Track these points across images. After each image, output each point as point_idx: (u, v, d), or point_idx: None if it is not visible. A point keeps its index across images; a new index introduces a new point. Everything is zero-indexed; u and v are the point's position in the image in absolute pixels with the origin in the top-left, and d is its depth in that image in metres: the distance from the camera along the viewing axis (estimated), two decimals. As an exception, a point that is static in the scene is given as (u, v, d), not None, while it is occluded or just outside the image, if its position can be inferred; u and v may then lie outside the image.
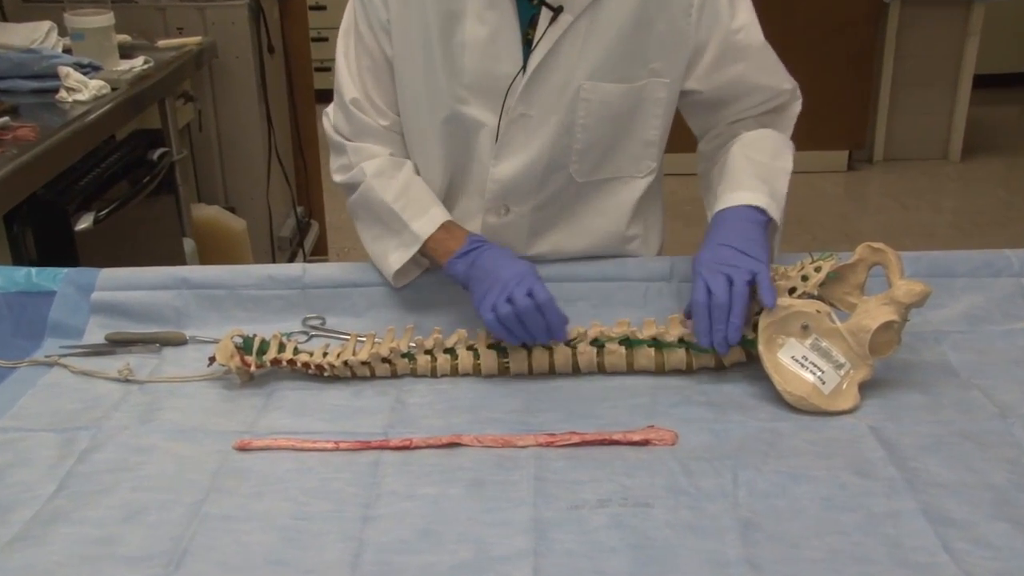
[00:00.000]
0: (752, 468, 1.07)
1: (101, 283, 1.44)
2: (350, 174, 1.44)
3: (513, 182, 1.39)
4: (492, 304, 1.25)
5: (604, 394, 1.24)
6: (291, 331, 1.39)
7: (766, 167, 1.38)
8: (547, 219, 1.45)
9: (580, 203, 1.45)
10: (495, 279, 1.28)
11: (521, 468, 1.09)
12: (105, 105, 2.15)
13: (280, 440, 1.15)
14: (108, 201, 2.05)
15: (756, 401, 1.21)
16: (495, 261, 1.32)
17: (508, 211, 1.42)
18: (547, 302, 1.25)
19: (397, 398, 1.24)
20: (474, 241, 1.35)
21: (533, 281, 1.26)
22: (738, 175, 1.36)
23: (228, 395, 1.27)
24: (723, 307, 1.21)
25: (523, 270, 1.28)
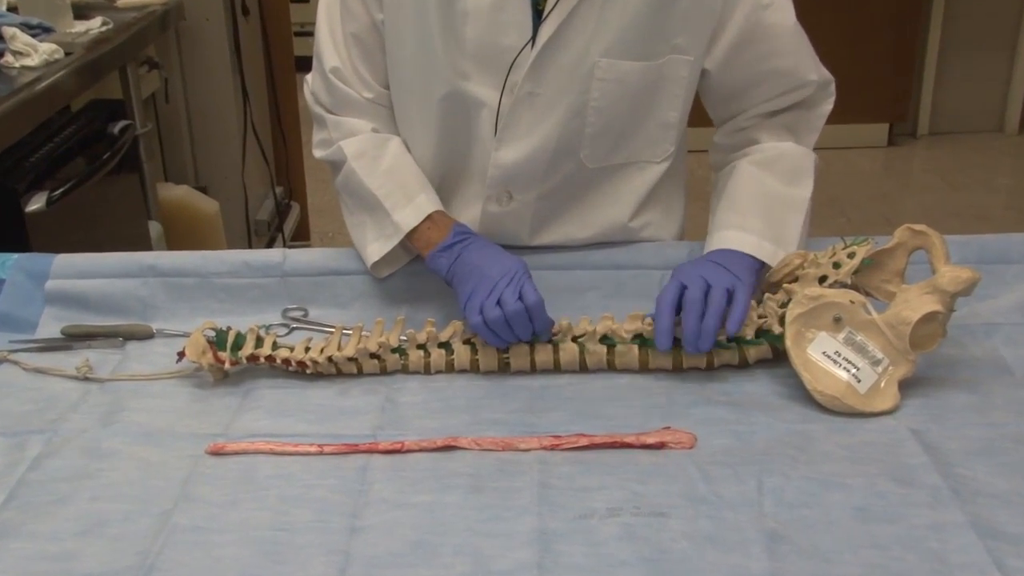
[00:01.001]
0: (779, 474, 1.08)
1: (56, 270, 1.45)
2: (330, 151, 1.45)
3: (517, 168, 1.40)
4: (479, 306, 1.27)
5: (615, 393, 1.25)
6: (269, 324, 1.41)
7: (778, 198, 1.38)
8: (553, 208, 1.46)
9: (590, 190, 1.46)
10: (481, 277, 1.29)
11: (524, 473, 1.10)
12: (58, 72, 2.14)
13: (258, 443, 1.16)
14: (63, 180, 2.05)
15: (783, 401, 1.22)
16: (482, 256, 1.32)
17: (511, 199, 1.43)
18: (536, 305, 1.26)
19: (387, 397, 1.25)
20: (459, 233, 1.36)
21: (523, 281, 1.27)
22: (740, 207, 1.37)
23: (199, 394, 1.28)
24: (696, 302, 1.23)
25: (512, 267, 1.29)
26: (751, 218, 1.35)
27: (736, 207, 1.38)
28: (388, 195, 1.40)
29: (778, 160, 1.43)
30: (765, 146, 1.44)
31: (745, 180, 1.41)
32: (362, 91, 1.43)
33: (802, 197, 1.40)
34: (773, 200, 1.38)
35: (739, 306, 1.24)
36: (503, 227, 1.44)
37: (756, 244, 1.33)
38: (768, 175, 1.41)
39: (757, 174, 1.41)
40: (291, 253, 1.47)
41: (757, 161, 1.43)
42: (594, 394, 1.25)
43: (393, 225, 1.38)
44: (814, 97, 1.44)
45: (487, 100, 1.36)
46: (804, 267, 1.29)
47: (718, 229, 1.37)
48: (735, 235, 1.34)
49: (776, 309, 1.26)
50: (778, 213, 1.37)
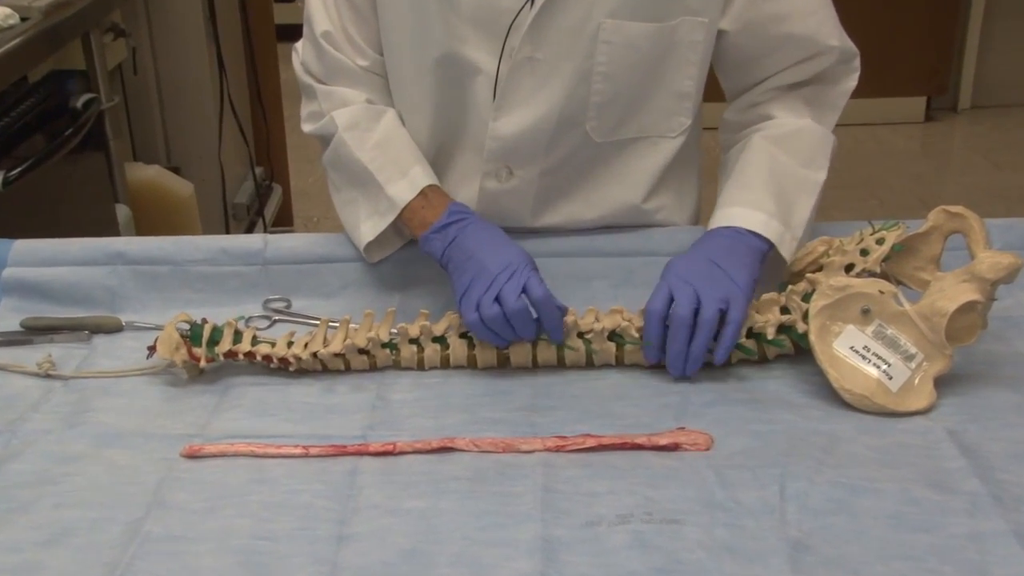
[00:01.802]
0: (803, 478, 1.09)
1: (15, 257, 1.46)
2: (320, 124, 1.46)
3: (517, 140, 1.41)
4: (476, 301, 1.27)
5: (625, 390, 1.26)
6: (249, 316, 1.42)
7: (790, 177, 1.39)
8: (558, 185, 1.46)
9: (598, 167, 1.46)
10: (480, 269, 1.29)
11: (526, 477, 1.11)
12: (13, 39, 2.12)
13: (237, 445, 1.17)
14: (21, 158, 2.05)
15: (807, 399, 1.23)
16: (479, 242, 1.33)
17: (511, 175, 1.44)
18: (544, 299, 1.26)
19: (377, 395, 1.27)
20: (455, 212, 1.36)
21: (527, 274, 1.27)
22: (750, 182, 1.37)
23: (173, 393, 1.29)
24: (684, 323, 1.24)
25: (514, 258, 1.29)
26: (761, 195, 1.35)
27: (745, 182, 1.38)
28: (381, 168, 1.40)
29: (794, 137, 1.43)
30: (781, 121, 1.45)
31: (756, 155, 1.41)
32: (355, 58, 1.44)
33: (815, 180, 1.40)
34: (786, 178, 1.39)
35: (730, 329, 1.24)
36: (503, 206, 1.44)
37: (764, 223, 1.33)
38: (782, 152, 1.41)
39: (770, 149, 1.41)
40: (273, 239, 1.48)
41: (771, 136, 1.43)
42: (602, 391, 1.26)
43: (387, 200, 1.39)
44: (836, 71, 1.44)
45: (484, 66, 1.37)
46: (829, 255, 1.30)
47: (723, 205, 1.37)
48: (741, 212, 1.34)
49: (799, 303, 1.26)
50: (790, 193, 1.37)
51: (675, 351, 1.25)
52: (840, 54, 1.43)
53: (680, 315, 1.24)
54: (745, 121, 1.48)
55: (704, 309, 1.24)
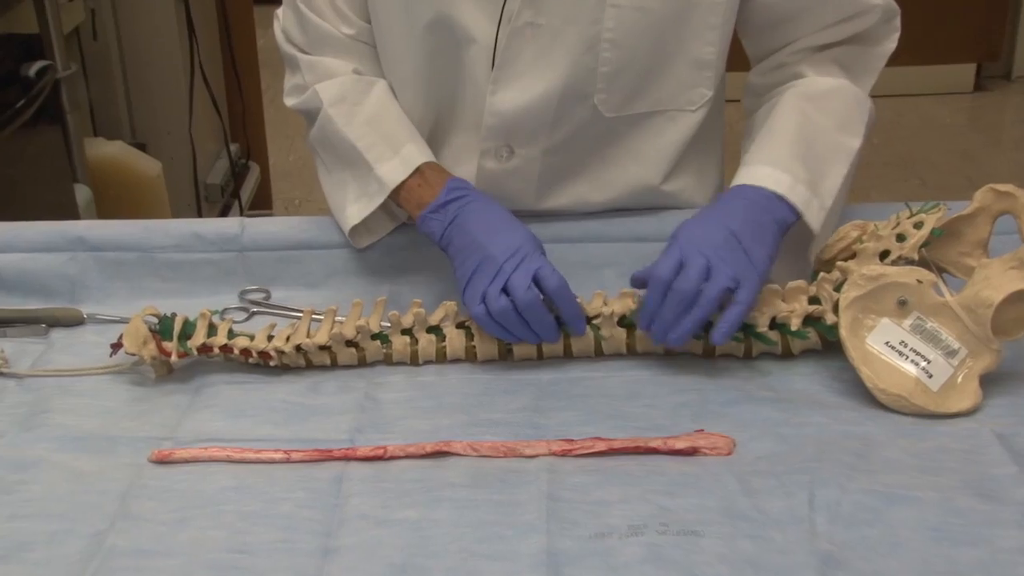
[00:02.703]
0: (834, 486, 1.09)
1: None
2: (303, 98, 1.46)
3: (518, 115, 1.41)
4: (482, 293, 1.28)
5: (638, 388, 1.27)
6: (225, 308, 1.43)
7: (823, 140, 1.38)
8: (564, 165, 1.47)
9: (609, 145, 1.47)
10: (484, 255, 1.29)
11: (529, 484, 1.11)
12: (-46, -1, 2.14)
13: (212, 449, 1.18)
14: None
15: (838, 398, 1.24)
16: (482, 223, 1.33)
17: (512, 154, 1.44)
18: (559, 288, 1.26)
19: (366, 393, 1.28)
20: (454, 189, 1.37)
21: (537, 261, 1.28)
22: (778, 140, 1.37)
23: (140, 392, 1.30)
24: (685, 297, 1.23)
25: (521, 242, 1.30)
26: (789, 156, 1.35)
27: (773, 141, 1.37)
28: (371, 146, 1.41)
29: (829, 96, 1.43)
30: (815, 79, 1.44)
31: (787, 112, 1.40)
32: (339, 25, 1.44)
33: (850, 147, 1.40)
34: (817, 141, 1.38)
35: (737, 309, 1.24)
36: (503, 188, 1.45)
37: (790, 186, 1.32)
38: (815, 111, 1.40)
39: (803, 107, 1.40)
40: (250, 223, 1.49)
41: (804, 94, 1.42)
42: (613, 390, 1.27)
43: (377, 181, 1.39)
44: (876, 31, 1.44)
45: (480, 32, 1.37)
46: (862, 240, 1.30)
47: (748, 163, 1.36)
48: (768, 172, 1.33)
49: (830, 293, 1.27)
50: (821, 157, 1.37)
51: (666, 319, 1.24)
52: (882, 13, 1.43)
53: (684, 289, 1.23)
54: (772, 82, 1.48)
55: (711, 285, 1.23)
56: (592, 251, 1.47)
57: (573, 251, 1.47)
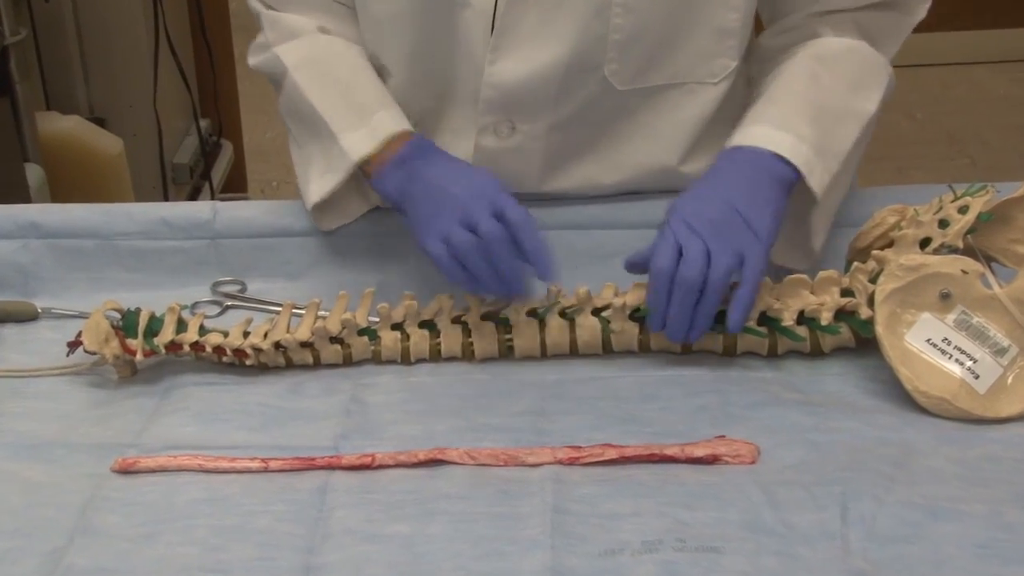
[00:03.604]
0: (870, 498, 1.09)
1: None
2: (263, 57, 1.47)
3: (519, 88, 1.41)
4: (443, 231, 1.28)
5: (652, 389, 1.28)
6: (196, 301, 1.44)
7: (833, 101, 1.38)
8: (571, 143, 1.47)
9: (621, 121, 1.47)
10: (444, 196, 1.30)
11: (533, 495, 1.12)
12: None
13: (181, 458, 1.18)
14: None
15: (874, 400, 1.24)
16: (445, 171, 1.34)
17: (513, 130, 1.45)
18: (523, 221, 1.26)
19: (352, 395, 1.28)
20: (418, 146, 1.37)
21: (501, 198, 1.29)
22: (781, 98, 1.37)
23: (103, 395, 1.31)
24: (692, 287, 1.24)
25: (484, 182, 1.31)
26: (792, 113, 1.35)
27: (776, 98, 1.38)
28: (336, 114, 1.40)
29: (844, 57, 1.43)
30: (829, 39, 1.44)
31: (795, 70, 1.41)
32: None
33: (863, 109, 1.40)
34: (826, 100, 1.38)
35: (745, 290, 1.25)
36: (504, 168, 1.44)
37: (792, 146, 1.32)
38: (827, 71, 1.41)
39: (812, 66, 1.41)
40: (223, 207, 1.50)
41: (815, 54, 1.43)
42: (625, 391, 1.27)
43: (340, 152, 1.39)
44: None
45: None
46: (901, 227, 1.30)
47: (747, 123, 1.37)
48: (765, 132, 1.34)
49: (865, 285, 1.27)
50: (829, 117, 1.37)
51: (678, 315, 1.25)
52: None
53: (687, 277, 1.24)
54: (783, 44, 1.47)
55: (714, 270, 1.24)
56: (602, 239, 1.47)
57: (581, 239, 1.47)
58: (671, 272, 1.25)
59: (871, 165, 3.70)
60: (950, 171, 3.81)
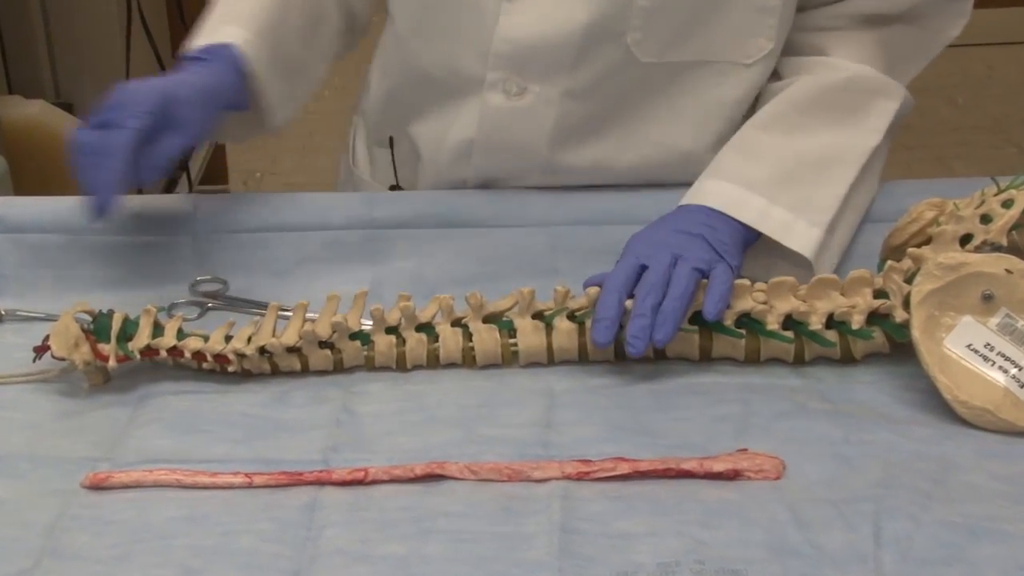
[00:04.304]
0: (905, 517, 1.09)
1: None
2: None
3: (534, 45, 1.43)
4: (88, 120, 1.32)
5: (668, 398, 1.28)
6: (173, 302, 1.44)
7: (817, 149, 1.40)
8: (586, 114, 1.48)
9: (643, 97, 1.48)
10: (120, 90, 1.33)
11: (538, 513, 1.12)
12: None
13: (158, 472, 1.18)
14: None
15: (909, 412, 1.25)
16: (170, 76, 1.37)
17: (524, 90, 1.46)
18: (114, 147, 1.29)
19: (344, 405, 1.28)
20: (217, 51, 1.41)
21: (142, 108, 1.30)
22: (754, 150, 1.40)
23: (72, 405, 1.31)
24: (655, 286, 1.26)
25: (155, 88, 1.33)
26: (765, 167, 1.38)
27: (749, 146, 1.41)
28: (206, 23, 1.46)
29: (838, 90, 1.44)
30: (832, 62, 1.46)
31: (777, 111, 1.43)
32: None
33: (860, 147, 1.42)
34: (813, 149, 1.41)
35: (718, 281, 1.27)
36: (510, 131, 1.47)
37: (760, 210, 1.36)
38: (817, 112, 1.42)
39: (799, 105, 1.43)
40: (203, 200, 1.50)
41: (806, 87, 1.44)
42: (638, 400, 1.28)
43: None
44: (937, 8, 1.45)
45: None
46: (940, 222, 1.30)
47: (712, 175, 1.40)
48: (734, 192, 1.37)
49: (900, 285, 1.27)
50: (814, 168, 1.40)
51: (640, 310, 1.26)
52: None
53: (650, 281, 1.27)
54: (795, 44, 1.49)
55: (681, 265, 1.27)
56: (616, 235, 1.45)
57: (593, 236, 1.48)
58: (628, 284, 1.28)
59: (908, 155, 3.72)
60: (995, 161, 3.81)
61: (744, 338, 1.31)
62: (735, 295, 1.30)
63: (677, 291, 1.26)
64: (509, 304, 1.34)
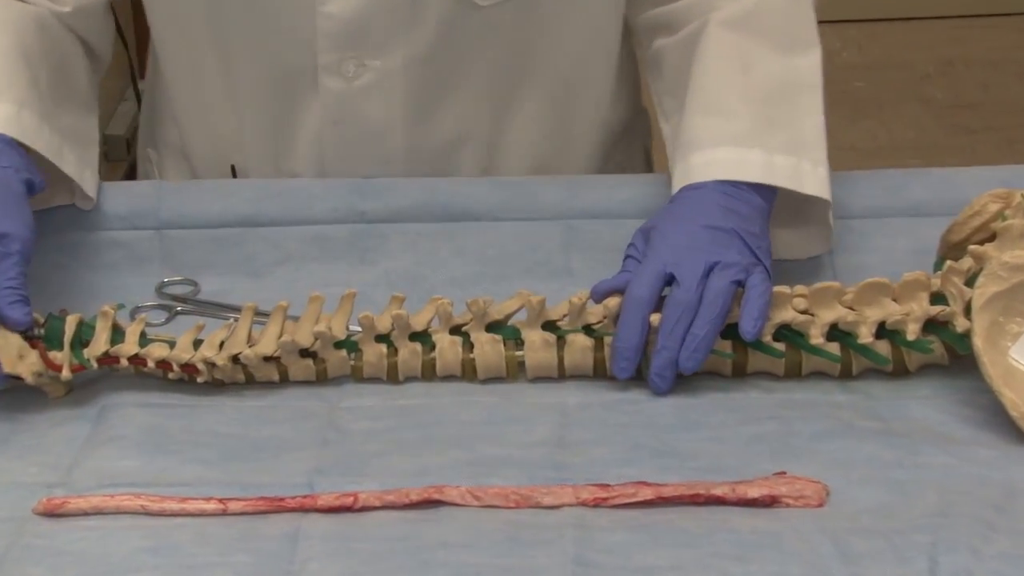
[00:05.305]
0: (965, 550, 1.09)
1: None
2: None
3: (361, 13, 1.44)
4: None
5: (696, 414, 1.29)
6: (137, 304, 1.44)
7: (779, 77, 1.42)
8: (437, 80, 1.50)
9: (495, 49, 1.50)
10: None
11: (550, 544, 1.12)
12: None
13: (120, 498, 1.18)
14: None
15: (972, 431, 1.25)
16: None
17: (363, 67, 1.48)
18: None
19: (330, 421, 1.29)
20: None
21: None
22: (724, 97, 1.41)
23: (21, 421, 1.31)
24: (688, 308, 1.27)
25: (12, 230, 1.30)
26: (743, 116, 1.39)
27: (714, 102, 1.41)
28: None
29: (758, 15, 1.46)
30: None
31: (716, 54, 1.43)
32: None
33: (809, 66, 1.44)
34: (771, 79, 1.42)
35: (755, 293, 1.27)
36: (359, 116, 1.49)
37: (764, 163, 1.36)
38: (753, 40, 1.44)
39: (733, 41, 1.44)
40: (170, 190, 1.51)
41: (727, 22, 1.45)
42: (662, 417, 1.28)
43: None
44: None
45: None
46: (1005, 216, 1.30)
47: (697, 147, 1.39)
48: (730, 154, 1.37)
49: (961, 289, 1.27)
50: (783, 100, 1.41)
51: (667, 342, 1.27)
52: None
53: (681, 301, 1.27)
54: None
55: (717, 277, 1.28)
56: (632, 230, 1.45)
57: (606, 231, 1.49)
58: (650, 302, 1.28)
59: (970, 138, 3.72)
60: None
61: (784, 356, 1.32)
62: (773, 304, 1.30)
63: (712, 312, 1.27)
64: (515, 307, 1.33)
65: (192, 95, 1.63)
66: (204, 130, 1.65)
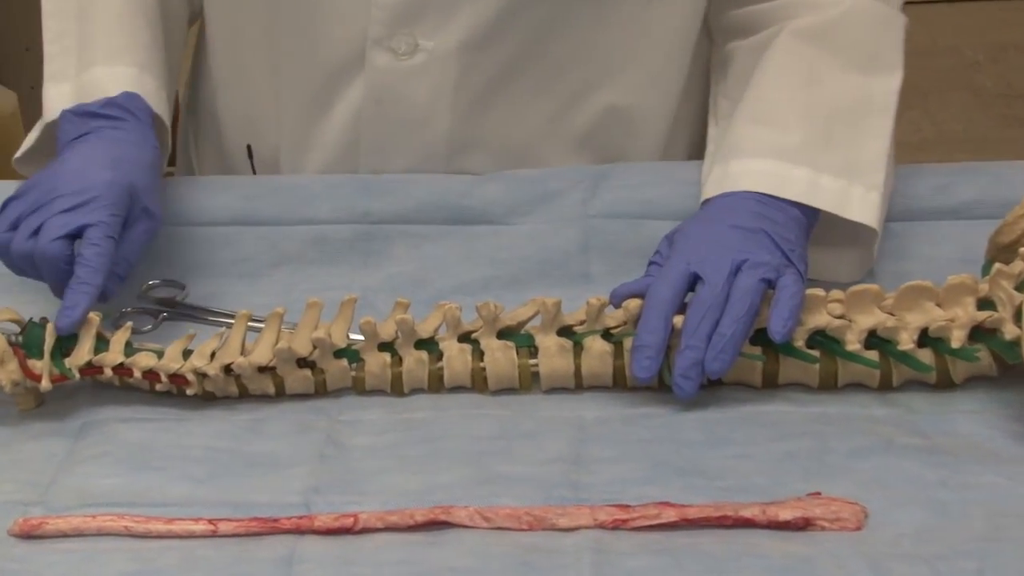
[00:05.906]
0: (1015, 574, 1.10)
1: None
2: None
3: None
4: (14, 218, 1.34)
5: (723, 430, 1.29)
6: (121, 309, 1.45)
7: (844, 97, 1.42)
8: (498, 70, 1.51)
9: (561, 39, 1.50)
10: (48, 184, 1.34)
11: (565, 569, 1.12)
12: None
13: (102, 519, 1.19)
14: None
15: (1020, 448, 1.25)
16: (92, 152, 1.37)
17: (415, 47, 1.48)
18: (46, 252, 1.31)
19: (329, 436, 1.29)
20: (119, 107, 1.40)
21: (97, 215, 1.31)
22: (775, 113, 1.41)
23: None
24: (714, 307, 1.27)
25: (100, 187, 1.33)
26: (795, 131, 1.39)
27: (767, 111, 1.42)
28: (57, 52, 1.47)
29: (839, 28, 1.46)
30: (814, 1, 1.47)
31: (782, 63, 1.44)
32: None
33: (885, 90, 1.44)
34: (838, 97, 1.42)
35: (786, 293, 1.28)
36: (405, 99, 1.50)
37: (808, 182, 1.37)
38: (826, 54, 1.44)
39: (803, 52, 1.44)
40: (158, 185, 1.52)
41: (803, 32, 1.46)
42: (686, 432, 1.28)
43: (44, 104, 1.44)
44: None
45: None
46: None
47: (739, 155, 1.40)
48: (772, 167, 1.38)
49: (1010, 294, 1.27)
50: (847, 120, 1.41)
51: (691, 340, 1.27)
52: None
53: (706, 300, 1.27)
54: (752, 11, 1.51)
55: (745, 275, 1.28)
56: (658, 232, 1.46)
57: (629, 232, 1.50)
58: (676, 301, 1.29)
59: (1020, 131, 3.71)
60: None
61: (818, 362, 1.32)
62: (806, 308, 1.30)
63: (739, 310, 1.27)
64: (529, 314, 1.34)
65: (233, 62, 1.64)
66: (241, 100, 1.67)
